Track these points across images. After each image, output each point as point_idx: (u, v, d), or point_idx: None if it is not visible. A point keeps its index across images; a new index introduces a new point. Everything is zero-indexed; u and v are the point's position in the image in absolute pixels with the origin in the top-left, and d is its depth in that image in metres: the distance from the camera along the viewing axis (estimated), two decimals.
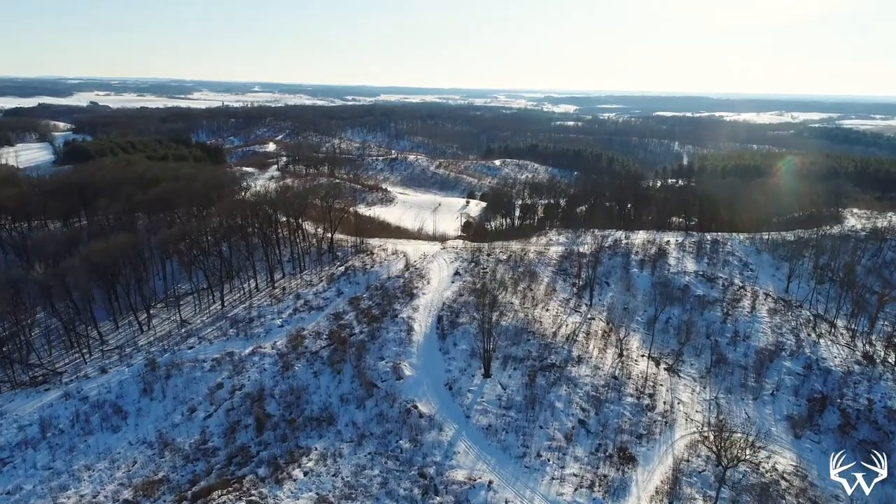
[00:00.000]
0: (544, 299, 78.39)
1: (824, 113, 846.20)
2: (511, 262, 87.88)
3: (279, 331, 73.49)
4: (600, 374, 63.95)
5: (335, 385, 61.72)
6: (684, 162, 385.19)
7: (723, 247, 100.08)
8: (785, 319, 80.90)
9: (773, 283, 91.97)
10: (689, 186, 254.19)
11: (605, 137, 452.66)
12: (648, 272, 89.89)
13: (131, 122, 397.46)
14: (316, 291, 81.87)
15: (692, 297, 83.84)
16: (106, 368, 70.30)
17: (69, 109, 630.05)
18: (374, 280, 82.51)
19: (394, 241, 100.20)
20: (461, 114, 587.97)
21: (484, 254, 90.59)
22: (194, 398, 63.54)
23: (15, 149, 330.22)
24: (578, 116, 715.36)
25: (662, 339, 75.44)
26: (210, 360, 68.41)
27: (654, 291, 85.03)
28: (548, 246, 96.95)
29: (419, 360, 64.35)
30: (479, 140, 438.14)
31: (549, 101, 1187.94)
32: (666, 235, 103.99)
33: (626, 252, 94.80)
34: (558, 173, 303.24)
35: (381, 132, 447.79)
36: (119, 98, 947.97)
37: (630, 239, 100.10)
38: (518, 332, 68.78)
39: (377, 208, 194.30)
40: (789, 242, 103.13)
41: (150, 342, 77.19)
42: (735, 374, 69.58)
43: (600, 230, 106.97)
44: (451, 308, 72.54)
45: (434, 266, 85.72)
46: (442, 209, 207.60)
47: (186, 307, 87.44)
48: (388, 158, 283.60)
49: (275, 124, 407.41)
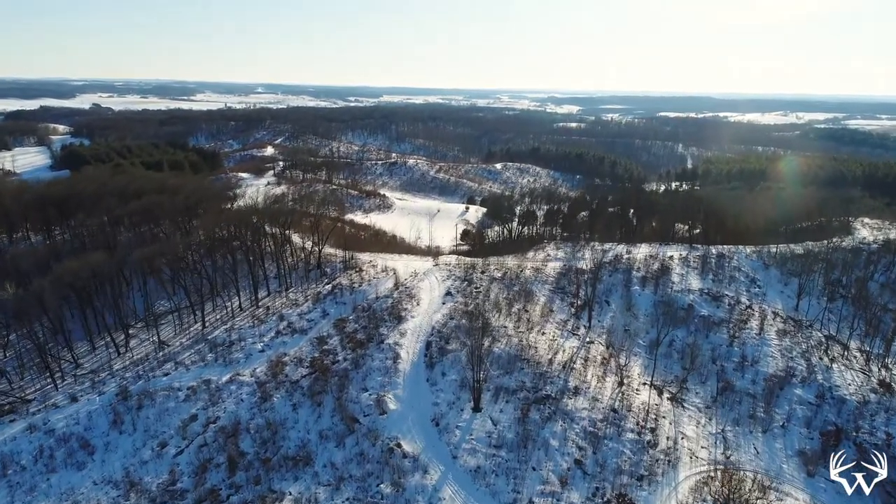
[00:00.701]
0: (540, 322, 74.22)
1: (829, 113, 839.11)
2: (506, 281, 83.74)
3: (259, 356, 69.55)
4: (599, 406, 59.79)
5: (314, 420, 57.70)
6: (688, 165, 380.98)
7: (729, 261, 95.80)
8: (795, 342, 76.62)
9: (781, 301, 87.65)
10: (694, 192, 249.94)
11: (608, 140, 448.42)
12: (651, 290, 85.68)
13: (130, 126, 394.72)
14: (300, 312, 77.86)
15: (697, 318, 79.62)
16: (76, 396, 66.48)
17: (71, 112, 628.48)
18: (361, 300, 78.51)
19: (384, 257, 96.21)
20: (463, 115, 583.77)
21: (478, 271, 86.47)
22: (166, 431, 59.62)
23: (12, 153, 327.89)
24: (581, 117, 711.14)
25: (665, 364, 71.26)
26: (185, 389, 64.51)
27: (656, 311, 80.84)
28: (545, 262, 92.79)
29: (405, 391, 60.28)
30: (480, 142, 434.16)
31: (553, 101, 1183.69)
32: (669, 249, 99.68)
33: (627, 268, 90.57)
34: (560, 177, 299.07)
35: (381, 134, 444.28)
36: (122, 100, 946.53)
37: (632, 254, 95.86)
38: (511, 359, 64.65)
39: (374, 215, 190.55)
40: (798, 256, 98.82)
41: (125, 366, 73.31)
42: (743, 404, 65.36)
43: (601, 243, 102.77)
44: (441, 333, 68.45)
45: (425, 285, 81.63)
46: (441, 215, 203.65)
47: (167, 326, 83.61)
48: (388, 163, 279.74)
49: (274, 127, 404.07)
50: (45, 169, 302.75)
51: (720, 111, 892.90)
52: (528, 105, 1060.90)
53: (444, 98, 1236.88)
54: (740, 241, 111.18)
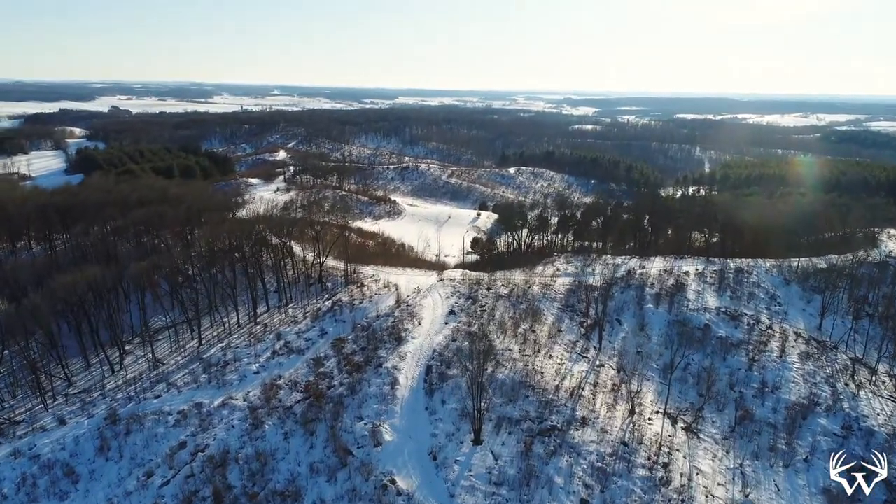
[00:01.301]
0: (548, 343, 70.72)
1: (851, 114, 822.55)
2: (513, 298, 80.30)
3: (254, 378, 66.83)
4: (608, 439, 56.19)
5: (306, 451, 54.76)
6: (706, 168, 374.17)
7: (747, 277, 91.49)
8: (818, 365, 72.35)
9: (803, 320, 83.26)
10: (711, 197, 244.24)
11: (623, 142, 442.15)
12: (665, 308, 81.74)
13: (145, 129, 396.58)
14: (298, 331, 75.08)
15: (714, 339, 75.58)
16: (65, 419, 64.28)
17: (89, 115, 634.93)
18: (361, 318, 75.54)
19: (387, 271, 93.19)
20: (477, 118, 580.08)
21: (483, 287, 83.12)
22: (153, 460, 57.02)
23: (28, 157, 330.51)
24: (597, 119, 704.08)
25: (680, 390, 67.43)
26: (176, 413, 61.95)
27: (670, 331, 77.01)
28: (555, 277, 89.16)
29: (402, 420, 57.14)
30: (494, 146, 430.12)
31: (569, 102, 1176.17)
32: (685, 264, 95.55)
33: (640, 284, 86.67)
34: (574, 181, 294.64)
35: (395, 137, 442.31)
36: (140, 102, 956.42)
37: (645, 269, 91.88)
38: (515, 386, 61.26)
39: (384, 222, 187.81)
40: (821, 271, 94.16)
41: (118, 386, 71.04)
42: (763, 435, 61.32)
43: (613, 257, 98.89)
44: (442, 357, 65.21)
45: (428, 302, 78.47)
46: (451, 222, 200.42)
47: (164, 342, 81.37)
48: (400, 167, 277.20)
49: (288, 131, 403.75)
50: (61, 173, 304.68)
51: (739, 112, 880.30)
52: (544, 107, 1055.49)
53: (459, 100, 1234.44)
54: (759, 253, 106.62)
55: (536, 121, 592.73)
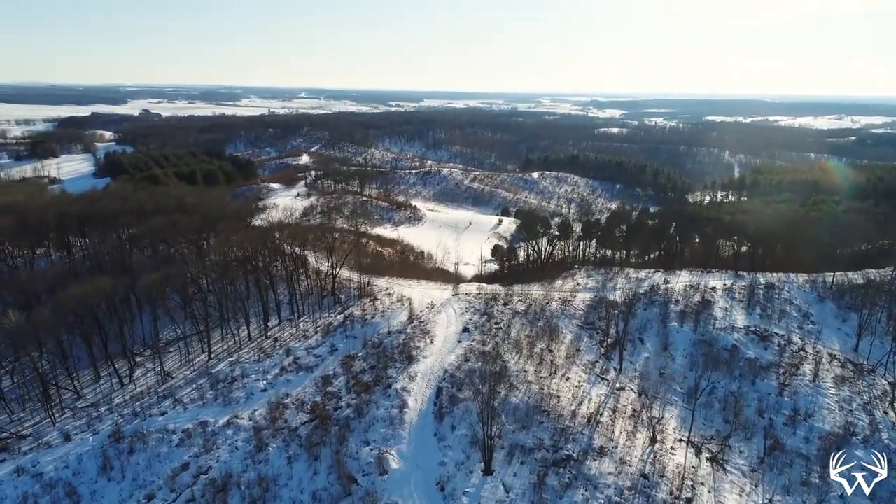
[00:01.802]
0: (565, 364, 67.62)
1: (888, 116, 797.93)
2: (530, 315, 77.29)
3: (261, 396, 65.04)
4: (627, 470, 52.95)
5: (309, 477, 52.60)
6: (735, 173, 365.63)
7: (778, 293, 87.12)
8: (855, 391, 68.06)
9: (839, 340, 78.77)
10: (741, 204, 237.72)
11: (651, 146, 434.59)
12: (690, 326, 77.95)
13: (172, 133, 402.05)
14: (308, 346, 73.16)
15: (742, 361, 71.67)
16: (70, 435, 63.20)
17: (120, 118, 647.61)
18: (372, 334, 73.32)
19: (402, 283, 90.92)
20: (502, 121, 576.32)
21: (499, 303, 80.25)
22: (155, 481, 55.41)
23: (58, 160, 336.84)
24: (624, 122, 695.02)
25: (705, 415, 63.86)
26: (180, 432, 60.39)
27: (696, 352, 73.35)
28: (574, 292, 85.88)
29: (410, 446, 54.67)
30: (518, 149, 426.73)
31: (595, 105, 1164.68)
32: (712, 278, 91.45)
33: (664, 301, 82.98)
34: (599, 186, 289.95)
35: (419, 141, 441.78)
36: (170, 105, 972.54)
37: (670, 284, 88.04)
38: (530, 411, 58.35)
39: (403, 228, 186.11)
40: (858, 287, 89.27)
41: (125, 400, 69.99)
42: (794, 467, 57.48)
43: (636, 270, 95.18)
44: (454, 378, 62.56)
45: (441, 319, 75.89)
46: (472, 228, 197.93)
47: (174, 355, 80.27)
48: (422, 172, 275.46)
49: (312, 134, 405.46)
50: (89, 176, 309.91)
51: (770, 115, 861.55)
52: (570, 109, 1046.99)
53: (484, 102, 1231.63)
54: (791, 266, 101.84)
55: (561, 124, 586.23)
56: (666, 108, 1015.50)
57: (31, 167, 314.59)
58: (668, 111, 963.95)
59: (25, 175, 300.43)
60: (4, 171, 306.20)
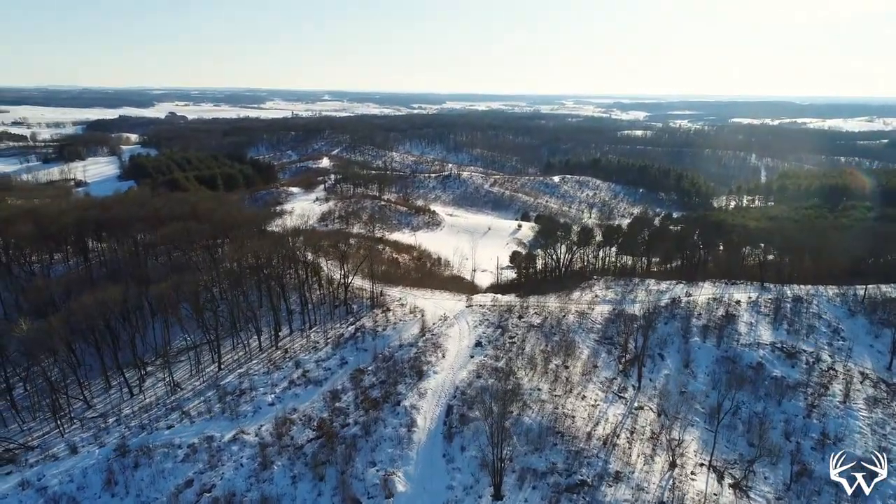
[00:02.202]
0: (581, 381, 65.23)
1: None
2: (545, 328, 74.99)
3: (268, 410, 63.76)
4: (644, 498, 50.46)
5: (313, 498, 51.09)
6: (762, 178, 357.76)
7: (807, 307, 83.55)
8: (889, 413, 64.57)
9: (871, 358, 75.05)
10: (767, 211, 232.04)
11: (674, 149, 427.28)
12: (713, 342, 74.92)
13: (195, 136, 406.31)
14: (318, 359, 71.75)
15: (767, 380, 68.54)
16: (77, 447, 62.50)
17: (146, 121, 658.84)
18: (383, 347, 71.68)
19: (415, 294, 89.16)
20: (524, 123, 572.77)
21: (514, 316, 78.01)
22: (158, 498, 54.40)
23: (84, 163, 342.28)
24: (648, 124, 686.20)
25: (728, 438, 61.01)
26: (186, 447, 59.36)
27: (719, 369, 70.44)
28: (592, 304, 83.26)
29: (417, 468, 52.85)
30: (539, 153, 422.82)
31: (619, 107, 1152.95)
32: (736, 291, 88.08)
33: (686, 314, 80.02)
34: (622, 191, 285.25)
35: (439, 144, 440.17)
36: (196, 108, 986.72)
37: (692, 296, 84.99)
38: (543, 432, 56.13)
39: (421, 233, 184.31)
40: (891, 301, 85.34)
41: (134, 412, 69.20)
42: (823, 495, 54.46)
43: (657, 281, 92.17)
44: (465, 396, 60.57)
45: (454, 332, 73.99)
46: (491, 234, 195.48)
47: (185, 364, 79.42)
48: (441, 176, 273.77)
49: (333, 137, 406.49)
50: (114, 179, 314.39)
51: (799, 117, 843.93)
52: (593, 111, 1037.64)
53: (507, 104, 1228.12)
54: (820, 278, 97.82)
55: (583, 127, 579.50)
56: (691, 111, 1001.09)
57: (58, 170, 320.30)
58: (694, 113, 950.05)
59: (52, 178, 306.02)
60: (32, 173, 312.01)
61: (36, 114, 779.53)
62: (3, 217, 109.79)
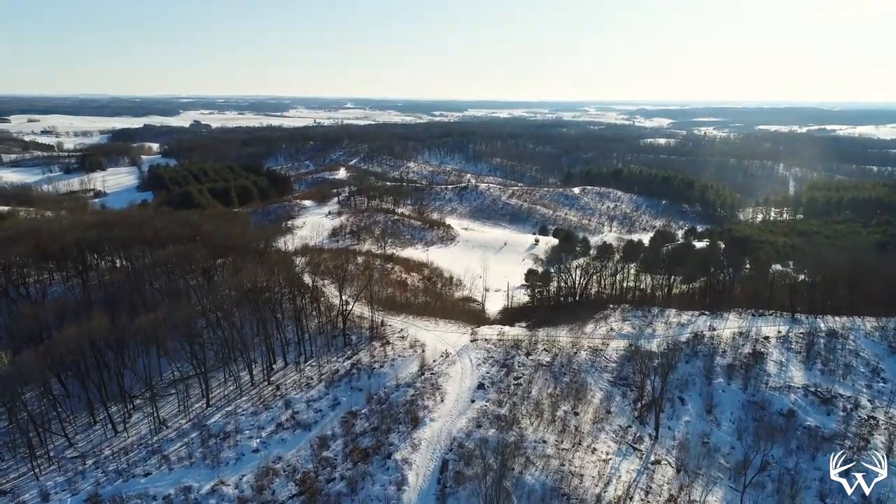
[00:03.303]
0: (592, 430, 59.50)
1: None
2: (555, 368, 69.31)
3: (252, 458, 59.16)
4: None
5: None
6: (790, 189, 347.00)
7: (842, 343, 76.59)
8: None
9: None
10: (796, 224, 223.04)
11: (699, 158, 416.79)
12: (739, 384, 68.54)
13: (215, 146, 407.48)
14: (310, 398, 67.06)
15: (800, 430, 62.07)
16: (49, 494, 58.60)
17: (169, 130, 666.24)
18: (379, 387, 66.71)
19: (418, 325, 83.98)
20: (544, 132, 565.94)
21: (521, 353, 72.38)
22: None
23: (103, 174, 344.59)
24: (671, 132, 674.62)
25: (756, 499, 54.79)
26: (160, 499, 55.09)
27: (745, 416, 64.16)
28: (607, 339, 77.26)
29: None
30: (560, 162, 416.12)
31: (642, 114, 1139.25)
32: (764, 324, 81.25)
33: (709, 351, 73.70)
34: (644, 203, 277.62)
35: (459, 153, 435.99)
36: (221, 116, 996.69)
37: (716, 331, 78.52)
38: (546, 493, 50.57)
39: (435, 249, 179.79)
40: None
41: (114, 453, 65.16)
42: None
43: (678, 312, 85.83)
44: (462, 449, 55.20)
45: (455, 371, 68.69)
46: (507, 249, 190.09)
47: (173, 398, 75.20)
48: (458, 188, 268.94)
49: (351, 147, 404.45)
50: (133, 189, 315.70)
51: (827, 123, 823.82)
52: (616, 118, 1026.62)
53: (529, 111, 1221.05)
54: (856, 308, 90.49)
55: (605, 136, 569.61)
56: (716, 117, 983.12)
57: (79, 180, 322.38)
58: (719, 120, 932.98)
59: (72, 188, 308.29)
60: (53, 184, 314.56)
61: (65, 122, 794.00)
62: (4, 237, 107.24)
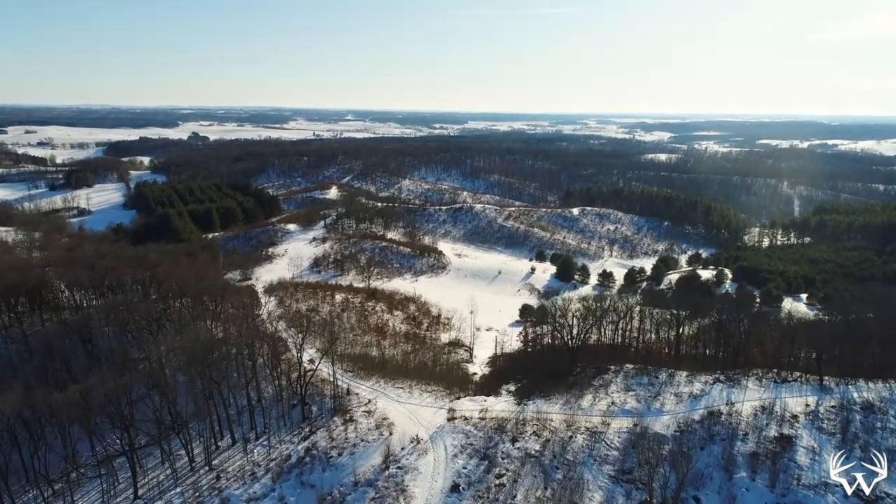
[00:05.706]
0: None
1: None
2: (545, 459, 58.27)
3: None
4: None
5: None
6: (795, 208, 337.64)
7: (882, 420, 65.61)
8: None
9: None
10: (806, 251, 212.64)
11: (701, 176, 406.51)
12: (765, 480, 57.41)
13: (206, 162, 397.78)
14: (251, 497, 56.04)
15: None
16: None
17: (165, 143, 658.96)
18: (333, 485, 55.58)
19: (389, 392, 72.92)
20: (543, 148, 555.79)
21: (506, 439, 61.28)
22: None
23: (87, 191, 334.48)
24: (672, 147, 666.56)
25: None
26: None
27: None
28: (607, 417, 66.08)
29: None
30: (559, 179, 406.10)
31: (642, 127, 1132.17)
32: (789, 395, 69.91)
33: (727, 433, 62.59)
34: (645, 224, 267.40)
35: (455, 170, 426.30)
36: (220, 128, 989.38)
37: (734, 406, 67.39)
38: None
39: (424, 279, 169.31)
40: None
41: None
42: None
43: (689, 379, 74.76)
44: None
45: (426, 464, 57.61)
46: (501, 279, 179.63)
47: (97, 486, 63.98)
48: (452, 208, 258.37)
49: (345, 163, 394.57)
50: (119, 207, 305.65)
51: (828, 137, 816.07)
52: (616, 131, 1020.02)
53: (529, 124, 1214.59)
54: (889, 365, 79.60)
55: (605, 152, 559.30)
56: (717, 131, 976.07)
57: (62, 198, 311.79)
58: (720, 134, 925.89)
59: (55, 206, 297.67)
60: (34, 202, 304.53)
61: (62, 134, 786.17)
62: None
